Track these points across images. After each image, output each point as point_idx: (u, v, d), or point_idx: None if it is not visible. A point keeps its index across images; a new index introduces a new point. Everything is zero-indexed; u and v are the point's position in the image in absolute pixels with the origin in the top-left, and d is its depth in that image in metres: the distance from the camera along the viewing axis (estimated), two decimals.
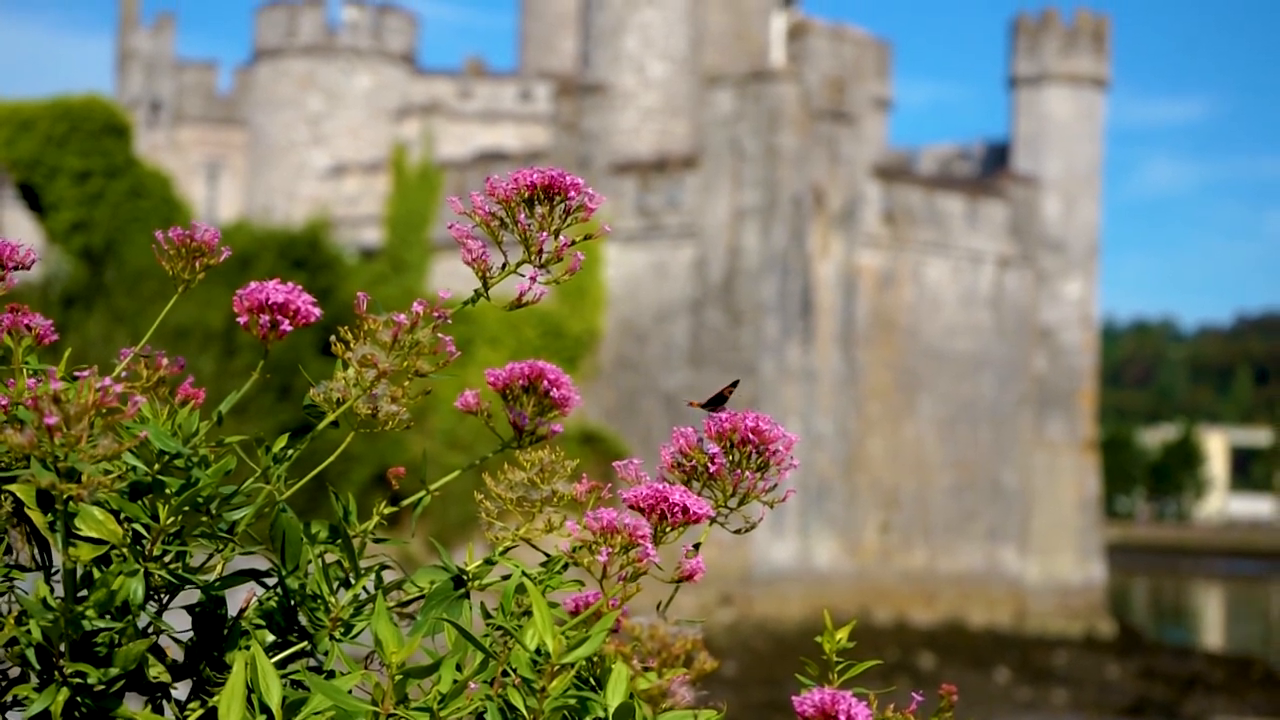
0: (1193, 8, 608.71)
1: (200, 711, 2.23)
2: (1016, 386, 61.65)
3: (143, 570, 2.16)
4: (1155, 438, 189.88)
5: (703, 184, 56.77)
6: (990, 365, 60.90)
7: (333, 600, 2.32)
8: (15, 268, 2.40)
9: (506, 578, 2.32)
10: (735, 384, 2.55)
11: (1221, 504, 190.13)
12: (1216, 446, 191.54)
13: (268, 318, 2.31)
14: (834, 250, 56.40)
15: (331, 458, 2.40)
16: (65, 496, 1.98)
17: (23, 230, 60.33)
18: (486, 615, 2.29)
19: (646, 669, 2.68)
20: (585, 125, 60.65)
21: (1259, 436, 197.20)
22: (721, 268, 56.18)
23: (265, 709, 2.02)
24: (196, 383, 2.50)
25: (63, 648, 2.08)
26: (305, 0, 69.68)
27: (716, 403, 2.39)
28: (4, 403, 2.03)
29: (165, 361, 2.48)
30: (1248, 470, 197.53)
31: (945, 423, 59.76)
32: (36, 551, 2.32)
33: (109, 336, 45.05)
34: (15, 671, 2.23)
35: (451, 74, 71.71)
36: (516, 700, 2.10)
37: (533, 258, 2.32)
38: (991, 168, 67.44)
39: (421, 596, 2.39)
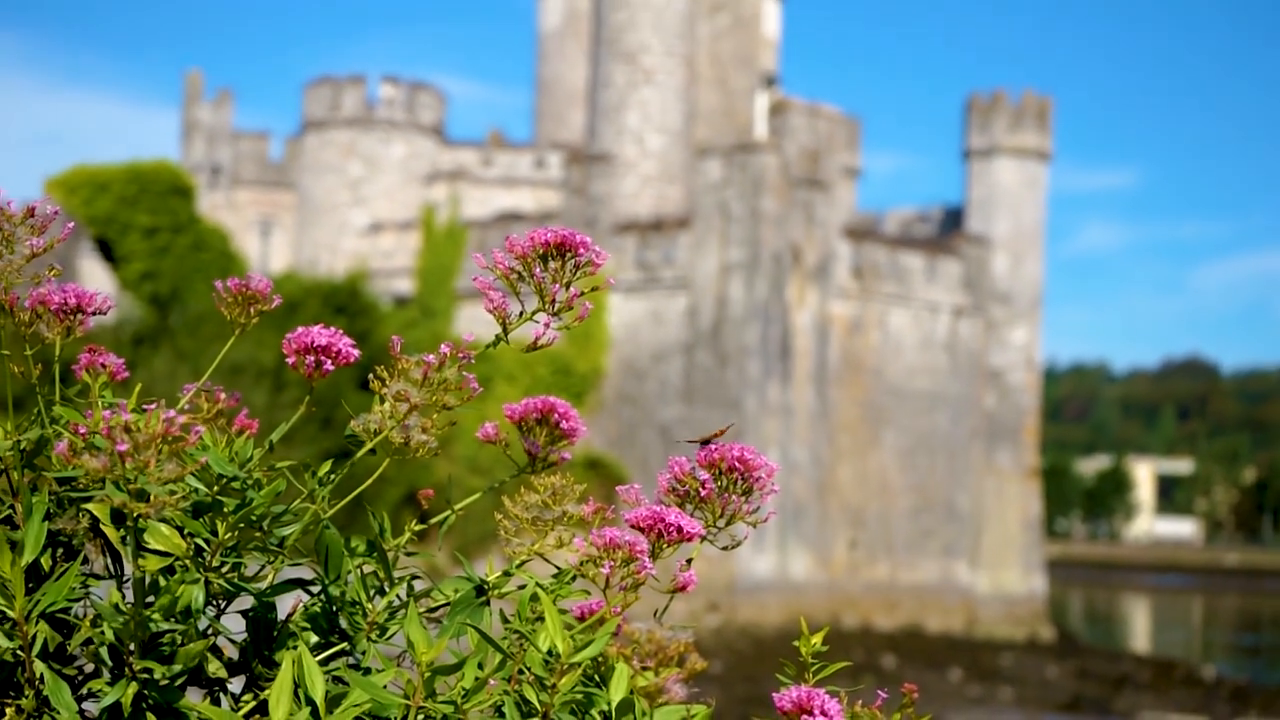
0: (1124, 93, 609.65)
1: (252, 704, 2.23)
2: (969, 421, 61.63)
3: (203, 579, 2.16)
4: (1090, 467, 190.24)
5: (694, 242, 56.84)
6: (946, 402, 60.89)
7: (370, 606, 2.31)
8: (94, 313, 2.41)
9: (522, 587, 2.32)
10: (729, 427, 2.56)
11: (1148, 525, 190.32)
12: (1144, 475, 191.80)
13: (313, 358, 2.31)
14: (809, 301, 56.44)
15: (369, 481, 2.40)
16: (135, 514, 1.98)
17: (98, 279, 60.35)
18: (504, 620, 2.29)
19: (644, 668, 2.68)
20: (592, 190, 60.75)
21: (1181, 466, 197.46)
22: (711, 315, 56.21)
23: (310, 702, 2.02)
24: (250, 414, 2.50)
25: (132, 647, 2.08)
26: (348, 78, 69.82)
27: (706, 443, 2.40)
28: (82, 432, 2.03)
29: (223, 396, 2.48)
30: (1171, 496, 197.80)
31: (906, 452, 59.73)
32: (110, 562, 2.31)
33: (173, 372, 45.05)
34: (90, 668, 2.23)
35: (475, 144, 71.82)
36: (531, 695, 2.10)
37: (546, 306, 2.33)
38: (948, 229, 67.53)
39: (447, 604, 2.38)
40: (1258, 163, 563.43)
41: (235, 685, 2.29)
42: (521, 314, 2.35)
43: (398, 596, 2.34)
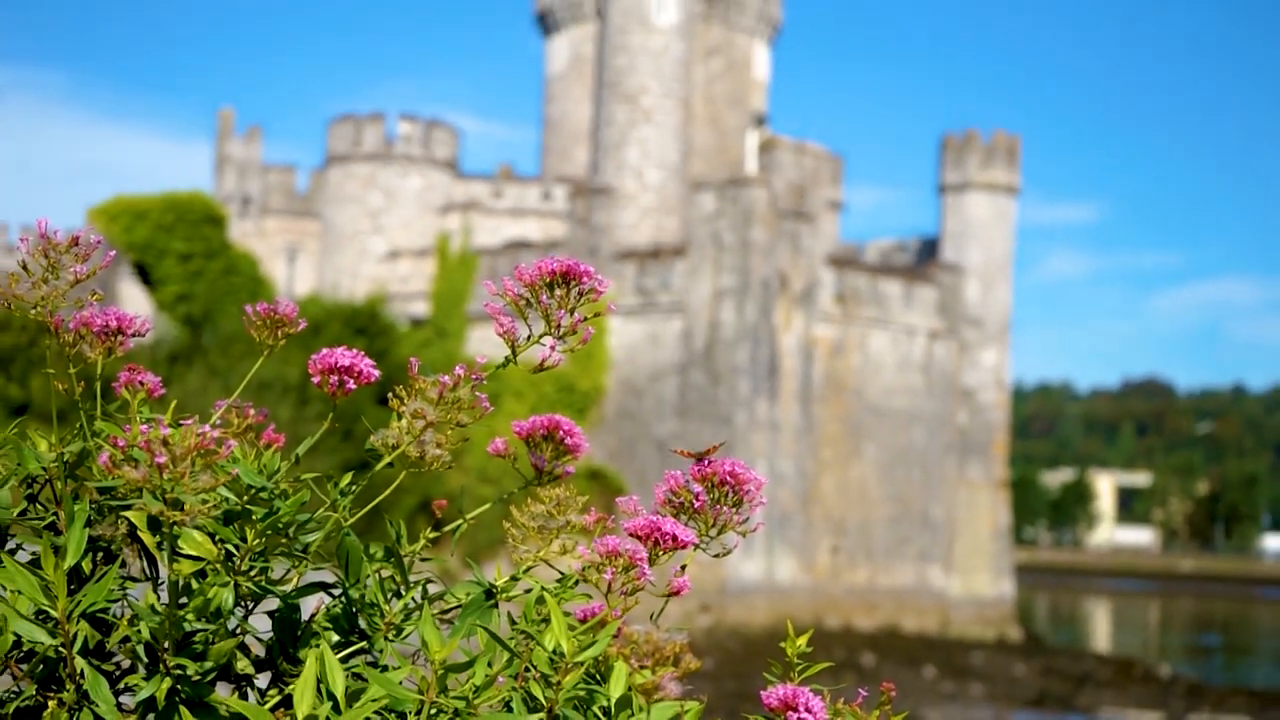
0: (1087, 134, 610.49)
1: (278, 698, 2.23)
2: (943, 436, 61.61)
3: (233, 582, 2.16)
4: (1055, 479, 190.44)
5: (689, 269, 56.86)
6: (921, 419, 60.87)
7: (387, 608, 2.31)
8: (133, 335, 2.41)
9: (528, 591, 2.32)
10: (720, 445, 2.56)
11: (1109, 534, 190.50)
12: (1105, 487, 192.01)
13: (337, 378, 2.31)
14: (795, 324, 56.45)
15: (386, 493, 2.40)
16: (171, 522, 1.99)
17: (136, 300, 60.34)
18: (512, 622, 2.29)
19: (642, 667, 2.67)
20: (594, 220, 60.77)
21: (1140, 479, 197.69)
22: (704, 337, 56.22)
23: (331, 696, 2.02)
24: (276, 428, 2.50)
25: (167, 645, 2.08)
26: (368, 116, 69.85)
27: (701, 458, 2.40)
28: (122, 445, 2.04)
29: (252, 412, 2.48)
30: (1131, 506, 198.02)
31: (884, 465, 59.71)
32: (146, 566, 2.32)
33: (205, 388, 45.03)
34: (127, 664, 2.23)
35: (486, 178, 71.82)
36: (537, 691, 2.10)
37: (553, 331, 2.33)
38: (924, 258, 67.54)
39: (459, 606, 2.38)
40: (1210, 199, 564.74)
41: (262, 681, 2.29)
42: (529, 337, 2.35)
43: (413, 599, 2.34)
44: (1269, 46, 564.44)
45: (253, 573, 2.21)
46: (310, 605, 2.36)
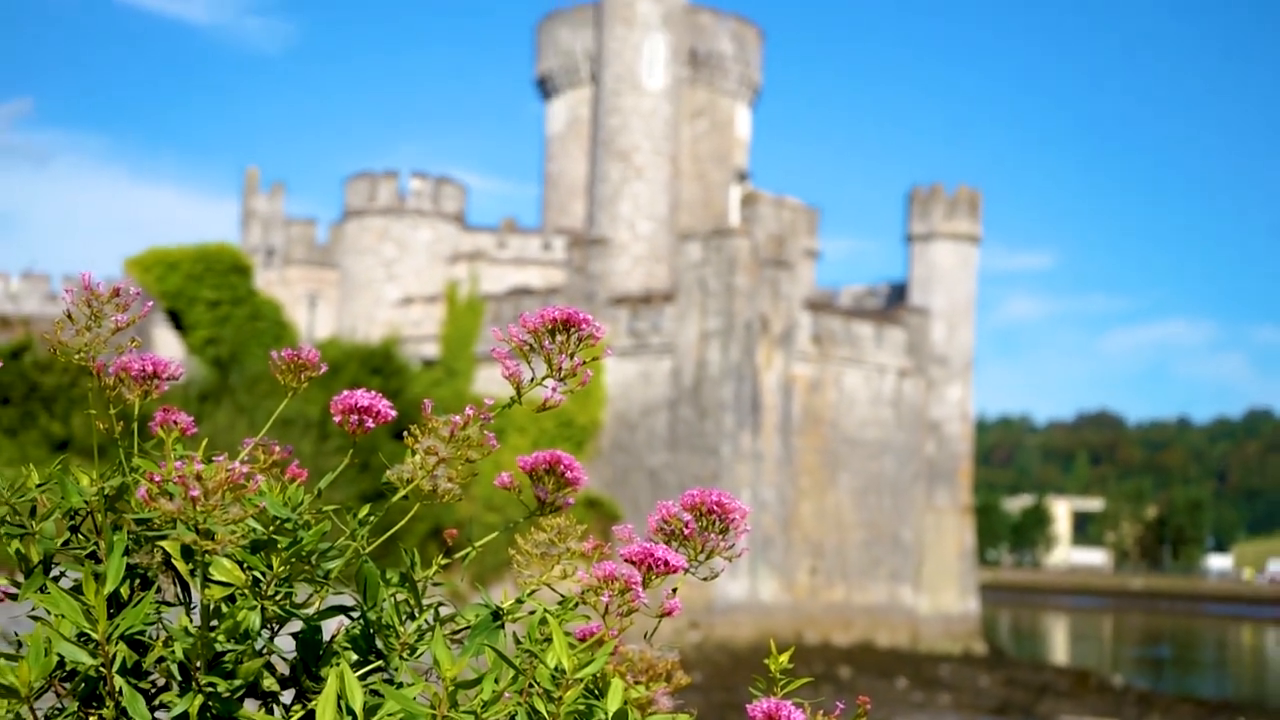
0: (1044, 186, 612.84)
1: (301, 713, 2.22)
2: (912, 465, 61.58)
3: (260, 606, 2.15)
4: (1015, 505, 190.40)
5: (678, 313, 56.91)
6: (892, 450, 60.85)
7: (402, 629, 2.31)
8: (168, 379, 2.41)
9: (532, 613, 2.32)
10: None
11: (1065, 555, 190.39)
12: (1062, 511, 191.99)
13: (356, 417, 2.32)
14: (776, 363, 56.47)
15: (400, 523, 2.40)
16: (203, 551, 1.99)
17: (168, 344, 60.27)
18: (517, 641, 2.28)
19: (637, 683, 2.67)
20: (591, 268, 60.83)
21: (1094, 504, 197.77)
22: (692, 375, 56.22)
23: (351, 712, 2.02)
24: (298, 462, 2.50)
25: (199, 664, 2.08)
26: (383, 173, 69.95)
27: None
28: (158, 480, 2.04)
29: (278, 449, 2.48)
30: (1085, 529, 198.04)
31: (858, 492, 59.66)
32: (179, 591, 2.31)
33: (233, 424, 44.96)
34: (162, 682, 2.23)
35: (491, 230, 71.90)
36: (540, 706, 2.09)
37: (554, 373, 2.34)
38: (893, 302, 67.64)
39: (468, 627, 2.38)
40: (1157, 248, 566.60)
41: (287, 697, 2.28)
42: (532, 379, 2.36)
43: (426, 621, 2.34)
44: (1213, 106, 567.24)
45: (278, 597, 2.20)
46: (331, 627, 2.36)
